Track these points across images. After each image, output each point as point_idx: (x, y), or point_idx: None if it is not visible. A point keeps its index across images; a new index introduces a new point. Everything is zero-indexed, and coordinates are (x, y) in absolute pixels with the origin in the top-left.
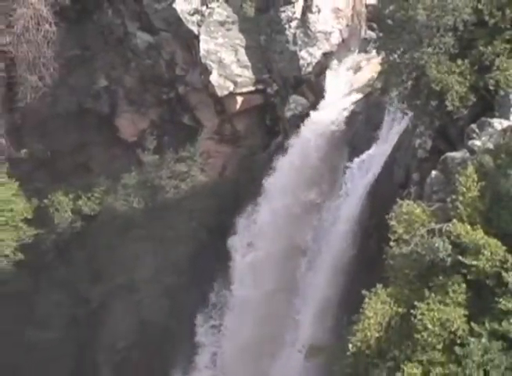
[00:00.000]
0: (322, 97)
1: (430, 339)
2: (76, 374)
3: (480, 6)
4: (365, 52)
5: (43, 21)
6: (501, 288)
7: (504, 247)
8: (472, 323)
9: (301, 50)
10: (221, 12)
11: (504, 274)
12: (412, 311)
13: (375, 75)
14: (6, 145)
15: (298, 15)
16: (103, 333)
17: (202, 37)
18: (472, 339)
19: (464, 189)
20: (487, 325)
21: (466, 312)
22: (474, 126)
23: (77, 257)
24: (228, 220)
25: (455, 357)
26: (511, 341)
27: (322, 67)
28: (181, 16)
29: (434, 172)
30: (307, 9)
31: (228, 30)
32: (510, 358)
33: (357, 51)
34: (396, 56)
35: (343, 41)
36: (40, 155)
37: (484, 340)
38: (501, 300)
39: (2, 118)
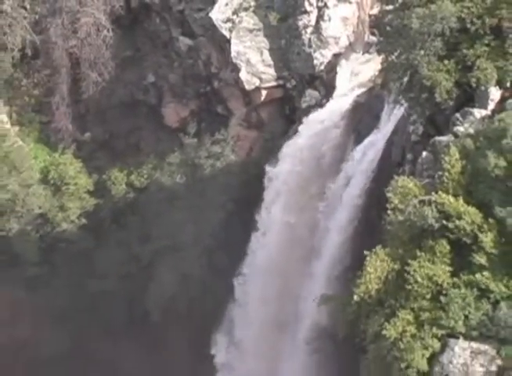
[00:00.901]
0: (333, 91)
1: (420, 290)
2: (129, 318)
3: (463, 15)
4: (368, 53)
5: (102, 28)
6: (476, 246)
7: (481, 214)
8: (454, 278)
9: (314, 52)
10: (248, 20)
11: (480, 235)
12: (406, 267)
13: (376, 73)
14: (73, 130)
15: (313, 23)
16: (152, 285)
17: (233, 41)
18: (454, 290)
19: (449, 167)
20: (465, 278)
21: (450, 269)
22: (458, 115)
23: (129, 222)
24: (253, 193)
25: (440, 305)
26: (483, 290)
27: (332, 66)
28: (215, 23)
29: (424, 153)
30: (320, 17)
31: (254, 35)
32: (485, 304)
33: (361, 52)
34: (394, 56)
35: (349, 44)
36: (100, 138)
37: (463, 290)
38: (476, 256)
39: (69, 108)
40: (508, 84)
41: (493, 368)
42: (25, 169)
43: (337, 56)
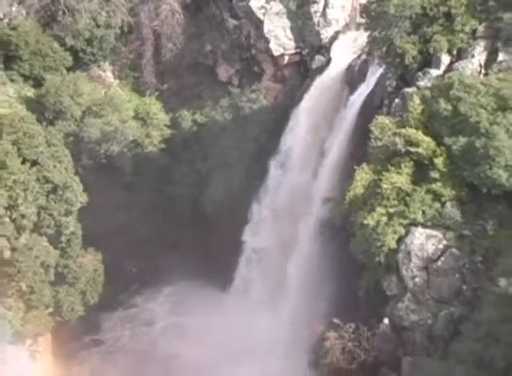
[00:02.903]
0: (334, 56)
1: (390, 193)
2: (192, 213)
3: (425, 4)
4: (359, 30)
5: (176, 13)
6: (434, 166)
7: (434, 142)
8: (415, 186)
9: (321, 29)
10: (276, 7)
11: (434, 159)
12: (381, 178)
13: (364, 44)
14: (155, 82)
15: (320, 9)
16: (208, 190)
17: (265, 22)
18: (415, 193)
19: (413, 109)
20: (424, 187)
21: (412, 179)
22: (420, 73)
23: (194, 147)
24: (279, 128)
25: (404, 202)
26: (436, 194)
27: (333, 39)
28: (253, 9)
29: (396, 100)
30: (325, 5)
31: (280, 17)
32: (436, 204)
33: (354, 30)
34: (376, 33)
35: (346, 24)
36: (173, 88)
37: (421, 193)
38: (432, 173)
39: (153, 67)
40: (455, 53)
41: (440, 246)
42: (123, 109)
43: (337, 33)
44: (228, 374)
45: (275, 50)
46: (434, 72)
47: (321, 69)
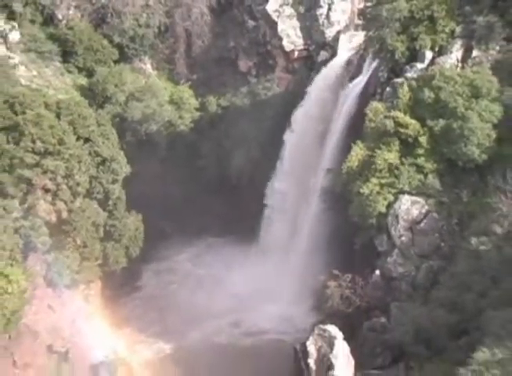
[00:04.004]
0: (336, 52)
1: (381, 167)
2: (218, 183)
3: (412, 9)
4: (357, 30)
5: (204, 14)
6: (419, 144)
7: (419, 124)
8: (402, 160)
9: (326, 29)
10: (288, 10)
11: (419, 138)
12: (374, 154)
13: (361, 41)
14: (187, 73)
15: (325, 12)
16: (231, 162)
17: (279, 23)
18: (402, 167)
19: (401, 96)
20: (409, 161)
21: (399, 155)
22: (407, 66)
23: (219, 126)
24: (289, 111)
25: (393, 174)
26: (420, 167)
27: (336, 37)
28: (269, 12)
29: (388, 88)
30: (329, 9)
31: (291, 19)
32: (420, 175)
33: (353, 29)
34: (371, 32)
35: (346, 25)
36: (202, 78)
37: (407, 166)
38: (418, 150)
39: (185, 61)
40: (437, 49)
41: (423, 211)
42: (160, 95)
43: (339, 32)
44: (240, 318)
45: (287, 46)
46: (420, 65)
47: (325, 62)
